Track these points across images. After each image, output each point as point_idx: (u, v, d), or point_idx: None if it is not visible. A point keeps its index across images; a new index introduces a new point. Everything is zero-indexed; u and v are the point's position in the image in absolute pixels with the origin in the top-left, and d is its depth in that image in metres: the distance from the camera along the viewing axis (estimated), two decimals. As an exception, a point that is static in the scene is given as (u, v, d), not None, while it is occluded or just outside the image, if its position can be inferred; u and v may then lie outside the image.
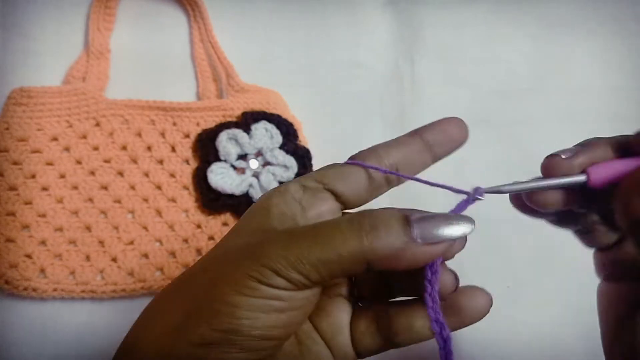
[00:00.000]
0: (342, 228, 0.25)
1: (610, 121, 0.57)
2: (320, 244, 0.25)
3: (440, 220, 0.26)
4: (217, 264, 0.27)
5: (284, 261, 0.24)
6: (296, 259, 0.24)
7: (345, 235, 0.25)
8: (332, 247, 0.24)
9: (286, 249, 0.25)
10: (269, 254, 0.25)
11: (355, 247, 0.24)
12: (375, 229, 0.25)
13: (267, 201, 0.28)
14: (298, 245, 0.25)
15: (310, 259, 0.24)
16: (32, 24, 0.55)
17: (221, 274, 0.25)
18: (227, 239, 0.29)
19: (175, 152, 0.52)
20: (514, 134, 0.56)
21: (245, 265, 0.25)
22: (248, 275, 0.24)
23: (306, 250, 0.24)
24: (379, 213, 0.26)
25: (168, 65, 0.56)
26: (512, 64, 0.59)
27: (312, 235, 0.25)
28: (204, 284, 0.26)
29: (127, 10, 0.57)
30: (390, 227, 0.25)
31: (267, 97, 0.54)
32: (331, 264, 0.25)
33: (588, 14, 0.60)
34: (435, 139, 0.30)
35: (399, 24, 0.60)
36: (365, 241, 0.25)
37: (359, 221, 0.25)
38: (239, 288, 0.24)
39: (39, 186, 0.49)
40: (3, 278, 0.47)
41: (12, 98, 0.51)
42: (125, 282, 0.49)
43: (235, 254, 0.26)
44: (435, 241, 0.25)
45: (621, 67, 0.59)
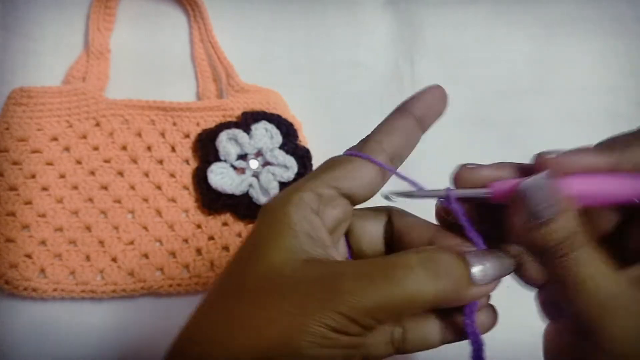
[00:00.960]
0: (417, 273, 0.24)
1: (610, 121, 0.57)
2: (394, 288, 0.24)
3: (491, 259, 0.26)
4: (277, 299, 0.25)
5: (362, 308, 0.23)
6: (373, 305, 0.24)
7: (421, 282, 0.24)
8: (408, 293, 0.24)
9: (363, 296, 0.24)
10: (344, 300, 0.23)
11: (429, 294, 0.24)
12: (447, 276, 0.25)
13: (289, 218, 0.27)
14: (374, 291, 0.24)
15: (386, 306, 0.24)
16: (32, 24, 0.55)
17: (294, 321, 0.24)
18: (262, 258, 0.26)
19: (175, 152, 0.52)
20: (514, 134, 0.56)
21: (320, 314, 0.23)
22: (325, 325, 0.23)
23: (382, 298, 0.24)
24: (448, 258, 0.25)
25: (168, 65, 0.56)
26: (512, 64, 0.59)
27: (387, 279, 0.24)
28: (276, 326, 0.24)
29: (127, 10, 0.57)
30: (458, 272, 0.25)
31: (267, 97, 0.54)
32: (404, 308, 0.24)
33: (588, 14, 0.60)
34: (423, 114, 0.30)
35: (399, 24, 0.60)
36: (439, 290, 0.24)
37: (433, 266, 0.25)
38: (316, 339, 0.23)
39: (39, 186, 0.49)
40: (3, 278, 0.47)
41: (12, 98, 0.51)
42: (125, 282, 0.49)
43: (301, 298, 0.24)
44: (491, 281, 0.26)
45: (621, 67, 0.59)
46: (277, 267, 0.25)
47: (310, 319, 0.23)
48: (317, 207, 0.28)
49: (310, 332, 0.23)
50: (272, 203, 0.28)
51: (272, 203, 0.28)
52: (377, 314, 0.24)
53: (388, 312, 0.24)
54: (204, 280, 0.50)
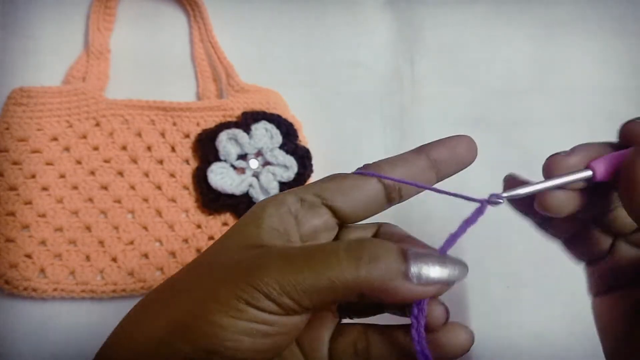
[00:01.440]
0: (339, 256, 0.24)
1: (610, 121, 0.57)
2: (315, 271, 0.24)
3: (436, 261, 0.25)
4: (204, 277, 0.26)
5: (277, 285, 0.23)
6: (289, 284, 0.23)
7: (343, 265, 0.24)
8: (327, 276, 0.24)
9: (279, 273, 0.24)
10: (261, 275, 0.24)
11: (351, 278, 0.24)
12: (374, 262, 0.24)
13: (262, 211, 0.27)
14: (292, 269, 0.24)
15: (303, 286, 0.23)
16: (32, 24, 0.55)
17: (209, 291, 0.24)
18: (216, 247, 0.28)
19: (175, 152, 0.52)
20: (514, 134, 0.56)
21: (234, 285, 0.24)
22: (237, 296, 0.23)
23: (300, 276, 0.24)
24: (377, 245, 0.25)
25: (168, 65, 0.56)
26: (512, 64, 0.59)
27: (307, 260, 0.24)
28: (191, 299, 0.25)
29: (127, 10, 0.57)
30: (388, 262, 0.24)
31: (267, 97, 0.54)
32: (324, 291, 0.24)
33: (588, 14, 0.60)
34: (441, 158, 0.29)
35: (399, 24, 0.60)
36: (363, 273, 0.24)
37: (358, 251, 0.24)
38: (226, 309, 0.23)
39: (39, 186, 0.49)
40: (3, 278, 0.47)
41: (12, 98, 0.51)
42: (125, 282, 0.49)
43: (225, 271, 0.25)
44: (429, 282, 0.25)
45: (621, 67, 0.59)
46: (220, 250, 0.27)
47: (223, 289, 0.24)
48: (297, 210, 0.28)
49: (221, 301, 0.23)
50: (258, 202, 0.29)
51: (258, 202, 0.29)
52: (293, 293, 0.24)
53: (304, 292, 0.24)
54: (204, 280, 0.50)
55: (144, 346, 0.24)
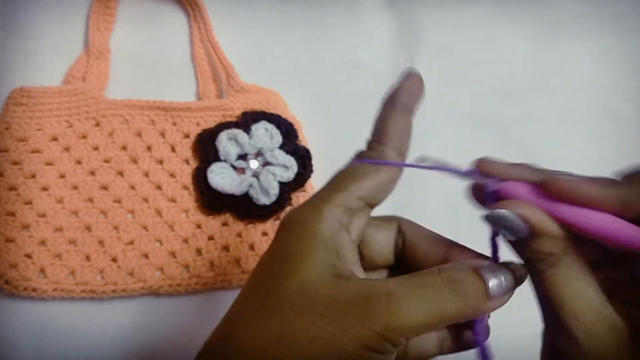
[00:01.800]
0: (443, 293, 0.25)
1: (610, 121, 0.57)
2: (426, 310, 0.25)
3: (502, 272, 0.27)
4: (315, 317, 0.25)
5: (395, 327, 0.24)
6: (405, 325, 0.24)
7: (446, 302, 0.25)
8: (435, 313, 0.25)
9: (396, 316, 0.24)
10: (379, 320, 0.24)
11: (453, 313, 0.25)
12: (468, 295, 0.26)
13: (320, 233, 0.27)
14: (405, 311, 0.25)
15: (418, 327, 0.25)
16: (32, 24, 0.55)
17: (333, 340, 0.24)
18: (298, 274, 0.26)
19: (175, 152, 0.52)
20: (514, 134, 0.56)
21: (359, 333, 0.24)
22: (365, 345, 0.24)
23: (414, 317, 0.24)
24: (464, 274, 0.26)
25: (168, 65, 0.56)
26: (512, 64, 0.59)
27: (416, 300, 0.25)
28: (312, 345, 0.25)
29: (127, 10, 0.57)
30: (475, 289, 0.26)
31: (267, 97, 0.54)
32: (430, 327, 0.25)
33: (588, 14, 0.60)
34: (411, 102, 0.31)
35: (399, 24, 0.60)
36: (461, 308, 0.25)
37: (457, 287, 0.26)
38: (352, 357, 0.24)
39: (39, 186, 0.49)
40: (3, 278, 0.47)
41: (12, 98, 0.51)
42: (125, 282, 0.49)
43: (334, 314, 0.25)
44: (505, 295, 0.27)
45: (621, 67, 0.59)
46: (311, 284, 0.26)
47: (349, 338, 0.24)
48: (347, 221, 0.29)
49: (349, 352, 0.24)
50: (301, 215, 0.28)
51: (301, 215, 0.28)
52: (408, 332, 0.25)
53: (418, 330, 0.25)
54: (204, 280, 0.50)
55: None
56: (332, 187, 0.29)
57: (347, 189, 0.29)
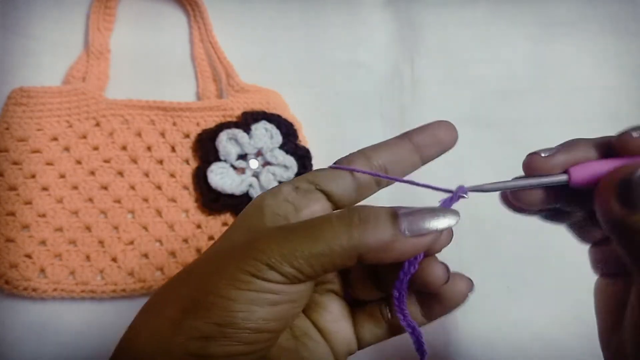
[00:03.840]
0: (332, 222, 0.26)
1: (610, 121, 0.57)
2: (312, 239, 0.25)
3: (426, 213, 0.26)
4: (212, 260, 0.27)
5: (278, 255, 0.25)
6: (289, 253, 0.25)
7: (336, 229, 0.25)
8: (323, 241, 0.25)
9: (280, 244, 0.25)
10: (263, 248, 0.25)
11: (346, 241, 0.25)
12: (365, 223, 0.26)
13: (261, 202, 0.29)
14: (291, 240, 0.25)
15: (303, 253, 0.25)
16: (32, 24, 0.55)
17: (216, 269, 0.26)
18: (222, 238, 0.29)
19: (175, 152, 0.52)
20: (514, 134, 0.56)
21: (239, 260, 0.25)
22: (242, 269, 0.25)
23: (299, 245, 0.25)
24: (368, 208, 0.27)
25: (168, 65, 0.56)
26: (512, 64, 0.59)
27: (304, 230, 0.26)
28: (199, 279, 0.26)
29: (127, 10, 0.57)
30: (378, 220, 0.26)
31: (267, 97, 0.54)
32: (323, 257, 0.25)
33: (588, 14, 0.60)
34: (424, 142, 0.31)
35: (399, 24, 0.60)
36: (356, 234, 0.25)
37: (349, 216, 0.26)
38: (234, 282, 0.25)
39: (39, 186, 0.49)
40: (3, 278, 0.47)
41: (12, 98, 0.51)
42: (125, 282, 0.49)
43: (230, 250, 0.27)
44: (422, 233, 0.26)
45: (621, 67, 0.59)
46: (226, 240, 0.28)
47: (229, 265, 0.25)
48: (293, 198, 0.30)
49: (229, 276, 0.25)
50: (256, 196, 0.31)
51: (256, 196, 0.31)
52: (293, 261, 0.25)
53: (303, 259, 0.25)
54: (204, 280, 0.50)
55: (160, 331, 0.26)
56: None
57: (303, 175, 0.31)
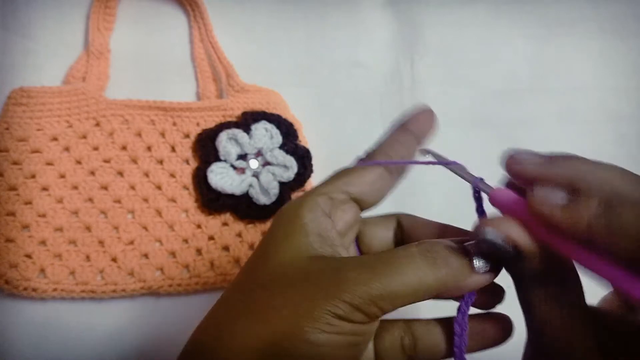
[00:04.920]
0: (418, 262, 0.26)
1: (610, 121, 0.57)
2: (398, 279, 0.25)
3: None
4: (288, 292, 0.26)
5: (366, 296, 0.24)
6: (377, 293, 0.25)
7: (422, 270, 0.25)
8: (409, 282, 0.25)
9: (366, 284, 0.25)
10: (349, 289, 0.25)
11: (433, 282, 0.25)
12: (447, 263, 0.26)
13: (300, 219, 0.28)
14: (377, 279, 0.25)
15: (389, 293, 0.25)
16: (32, 24, 0.55)
17: (299, 309, 0.25)
18: (275, 258, 0.28)
19: (175, 152, 0.52)
20: (514, 134, 0.56)
21: (325, 301, 0.25)
22: (330, 312, 0.24)
23: (386, 285, 0.25)
24: (444, 247, 0.26)
25: (168, 65, 0.56)
26: (512, 64, 0.59)
27: (388, 268, 0.25)
28: (282, 317, 0.25)
29: (127, 10, 0.57)
30: (457, 261, 0.26)
31: (267, 97, 0.54)
32: (407, 296, 0.25)
33: (588, 14, 0.61)
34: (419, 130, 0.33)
35: (399, 24, 0.60)
36: (441, 275, 0.25)
37: (433, 255, 0.26)
38: (321, 325, 0.24)
39: (39, 186, 0.49)
40: (3, 278, 0.47)
41: (12, 98, 0.51)
42: (125, 282, 0.49)
43: (308, 287, 0.26)
44: (491, 269, 0.27)
45: (621, 67, 0.59)
46: (286, 262, 0.27)
47: (315, 306, 0.25)
48: (329, 209, 0.29)
49: (314, 318, 0.24)
50: (287, 206, 0.30)
51: (287, 206, 0.30)
52: (380, 302, 0.25)
53: (390, 299, 0.25)
54: (204, 280, 0.50)
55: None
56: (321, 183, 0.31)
57: (332, 182, 0.31)
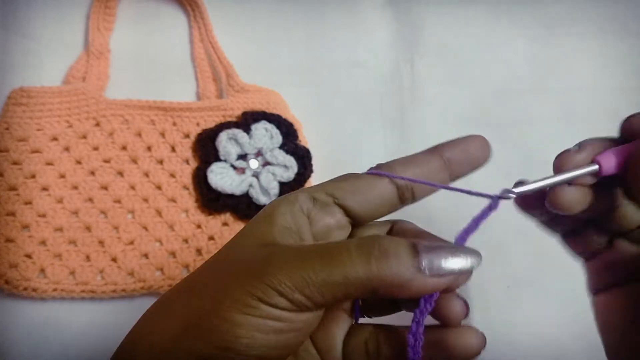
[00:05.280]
0: (351, 252, 0.24)
1: (610, 121, 0.57)
2: (327, 267, 0.24)
3: (447, 251, 0.25)
4: (219, 275, 0.26)
5: (289, 282, 0.23)
6: (301, 280, 0.24)
7: (354, 260, 0.24)
8: (339, 271, 0.24)
9: (291, 270, 0.24)
10: (273, 272, 0.24)
11: (363, 273, 0.24)
12: (385, 257, 0.24)
13: (274, 210, 0.27)
14: (304, 266, 0.24)
15: (315, 282, 0.24)
16: (32, 24, 0.55)
17: (223, 288, 0.24)
18: (231, 246, 0.28)
19: (175, 152, 0.52)
20: (514, 134, 0.56)
21: (248, 283, 0.24)
22: (250, 294, 0.24)
23: (312, 272, 0.24)
24: (387, 240, 0.25)
25: (168, 65, 0.56)
26: (512, 64, 0.59)
27: (320, 256, 0.24)
28: (205, 296, 0.25)
29: (127, 10, 0.57)
30: (399, 256, 0.24)
31: (267, 97, 0.54)
32: (337, 287, 0.24)
33: (588, 14, 0.60)
34: (455, 158, 0.29)
35: (399, 24, 0.60)
36: (374, 268, 0.24)
37: (369, 247, 0.24)
38: (240, 306, 0.23)
39: (39, 186, 0.49)
40: (3, 278, 0.47)
41: (12, 98, 0.51)
42: (125, 282, 0.49)
43: (238, 269, 0.25)
44: (441, 273, 0.25)
45: (621, 67, 0.59)
46: (237, 247, 0.27)
47: (236, 287, 0.24)
48: (309, 209, 0.28)
49: (233, 299, 0.24)
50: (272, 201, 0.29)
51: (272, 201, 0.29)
52: (305, 290, 0.24)
53: (317, 289, 0.24)
54: (204, 280, 0.50)
55: (160, 346, 0.25)
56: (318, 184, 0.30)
57: (324, 184, 0.29)
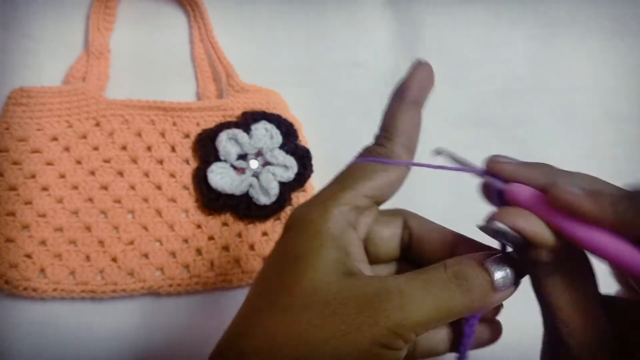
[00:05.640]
0: (452, 289, 0.26)
1: (610, 121, 0.57)
2: (434, 305, 0.25)
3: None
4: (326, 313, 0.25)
5: (408, 325, 0.24)
6: (416, 322, 0.25)
7: (455, 298, 0.25)
8: (445, 310, 0.25)
9: (405, 311, 0.25)
10: (389, 316, 0.24)
11: (460, 308, 0.26)
12: (475, 289, 0.26)
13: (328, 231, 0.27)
14: (416, 306, 0.25)
15: (425, 320, 0.25)
16: (32, 24, 0.55)
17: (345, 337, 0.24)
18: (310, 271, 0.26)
19: (175, 152, 0.52)
20: (514, 134, 0.56)
21: (370, 330, 0.24)
22: (376, 342, 0.24)
23: (425, 313, 0.25)
24: (470, 269, 0.26)
25: (168, 65, 0.56)
26: (512, 64, 0.59)
27: (424, 294, 0.25)
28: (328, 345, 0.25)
29: (127, 10, 0.57)
30: (481, 283, 0.26)
31: (267, 97, 0.54)
32: (438, 321, 0.25)
33: (588, 14, 0.60)
34: (420, 95, 0.31)
35: (399, 24, 0.60)
36: (469, 302, 0.26)
37: (466, 282, 0.26)
38: (366, 355, 0.24)
39: (39, 186, 0.49)
40: (3, 278, 0.47)
41: (12, 98, 0.51)
42: (125, 282, 0.49)
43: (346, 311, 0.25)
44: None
45: (621, 67, 0.59)
46: (322, 282, 0.26)
47: (362, 336, 0.24)
48: (355, 220, 0.29)
49: (362, 349, 0.24)
50: (308, 213, 0.28)
51: (308, 213, 0.28)
52: (418, 328, 0.25)
53: (428, 325, 0.25)
54: (204, 280, 0.50)
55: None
56: (340, 185, 0.29)
57: (355, 188, 0.29)
